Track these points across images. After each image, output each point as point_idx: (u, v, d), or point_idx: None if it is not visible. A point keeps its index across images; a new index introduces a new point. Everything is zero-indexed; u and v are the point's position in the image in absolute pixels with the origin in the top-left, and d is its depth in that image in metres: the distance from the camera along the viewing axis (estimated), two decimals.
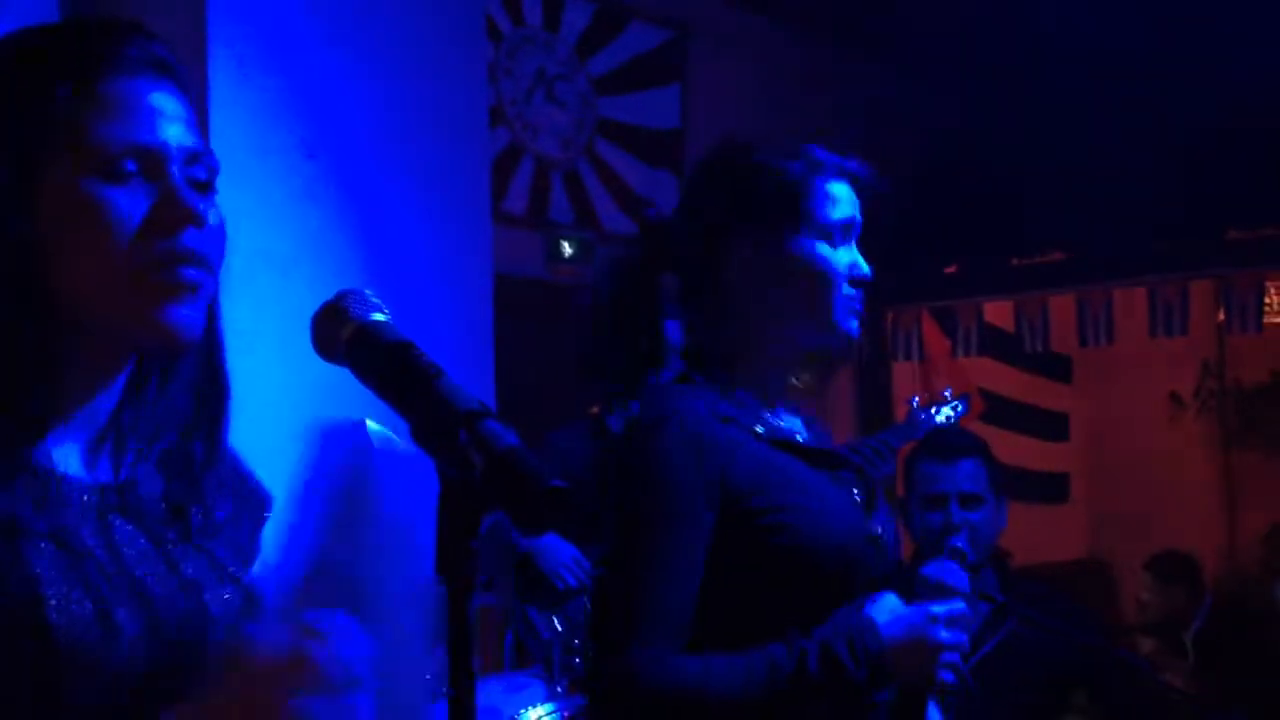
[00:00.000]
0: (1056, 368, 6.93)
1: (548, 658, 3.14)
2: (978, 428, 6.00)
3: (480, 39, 4.03)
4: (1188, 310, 5.43)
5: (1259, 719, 3.62)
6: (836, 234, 1.65)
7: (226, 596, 1.02)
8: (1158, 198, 5.33)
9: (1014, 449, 6.50)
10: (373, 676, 0.86)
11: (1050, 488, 7.09)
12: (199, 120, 1.03)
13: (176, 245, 0.96)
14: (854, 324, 1.67)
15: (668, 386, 1.65)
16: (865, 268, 1.67)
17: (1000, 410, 6.50)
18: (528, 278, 4.55)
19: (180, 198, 0.96)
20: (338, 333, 0.89)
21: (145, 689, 0.92)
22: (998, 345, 6.22)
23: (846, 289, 1.65)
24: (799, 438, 1.68)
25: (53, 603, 0.89)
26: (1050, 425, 7.10)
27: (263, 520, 1.12)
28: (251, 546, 1.12)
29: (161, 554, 1.00)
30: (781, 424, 1.68)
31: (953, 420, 3.53)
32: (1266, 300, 5.50)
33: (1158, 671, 4.30)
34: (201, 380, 1.05)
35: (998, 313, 6.11)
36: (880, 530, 1.67)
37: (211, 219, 0.99)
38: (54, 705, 0.89)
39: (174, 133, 0.98)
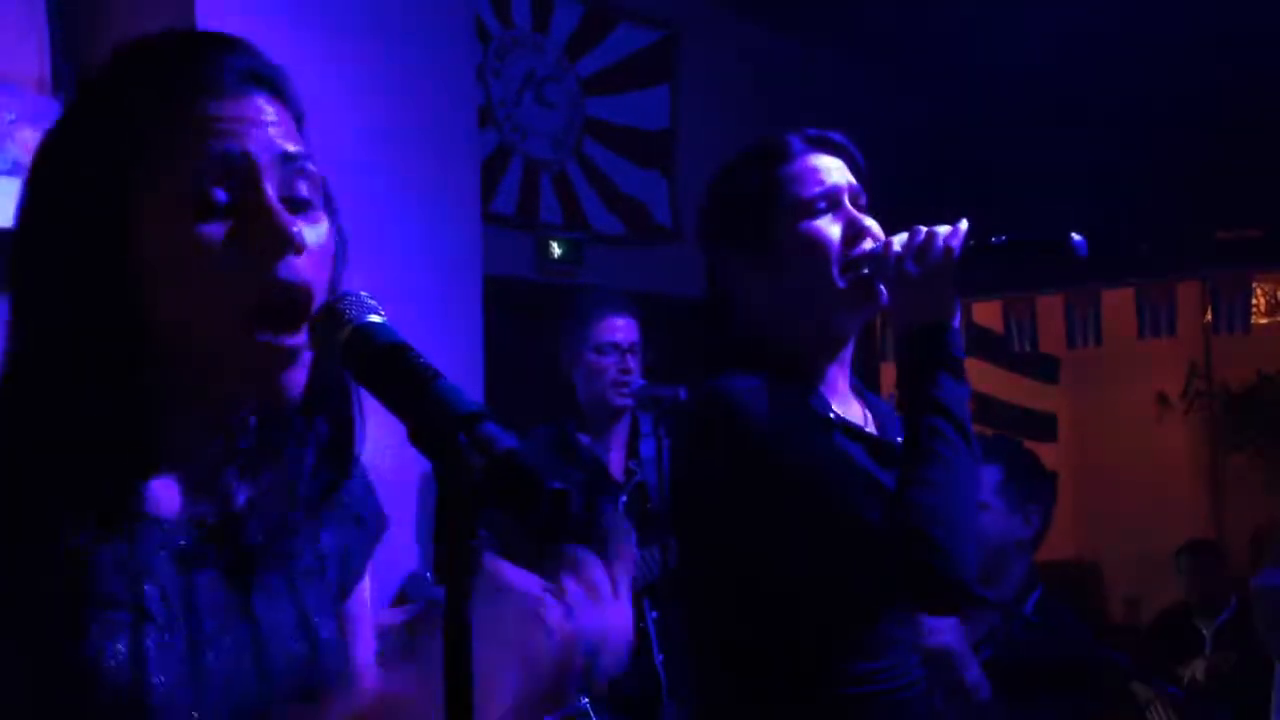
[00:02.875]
0: (1045, 368, 6.96)
1: None
2: None
3: (469, 40, 4.03)
4: (1175, 311, 5.46)
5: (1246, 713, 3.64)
6: (818, 205, 1.65)
7: (293, 648, 0.99)
8: (1145, 199, 5.35)
9: None
10: None
11: None
12: (300, 127, 0.98)
13: (273, 276, 0.91)
14: (871, 284, 1.64)
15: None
16: (863, 222, 1.65)
17: (989, 411, 6.52)
18: (517, 278, 4.54)
19: (274, 222, 0.91)
20: (335, 334, 0.88)
21: None
22: (986, 346, 6.24)
23: (847, 251, 1.64)
24: (870, 430, 1.69)
25: (92, 654, 0.87)
26: (1039, 426, 7.12)
27: (376, 543, 1.10)
28: (361, 571, 1.10)
29: (240, 606, 0.96)
30: (841, 412, 1.67)
31: None
32: (1254, 301, 5.52)
33: (1173, 662, 4.35)
34: (326, 406, 0.99)
35: (986, 313, 6.12)
36: None
37: (310, 238, 0.93)
38: None
39: (265, 138, 0.93)
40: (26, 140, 2.79)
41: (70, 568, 0.88)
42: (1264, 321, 5.77)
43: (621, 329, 3.25)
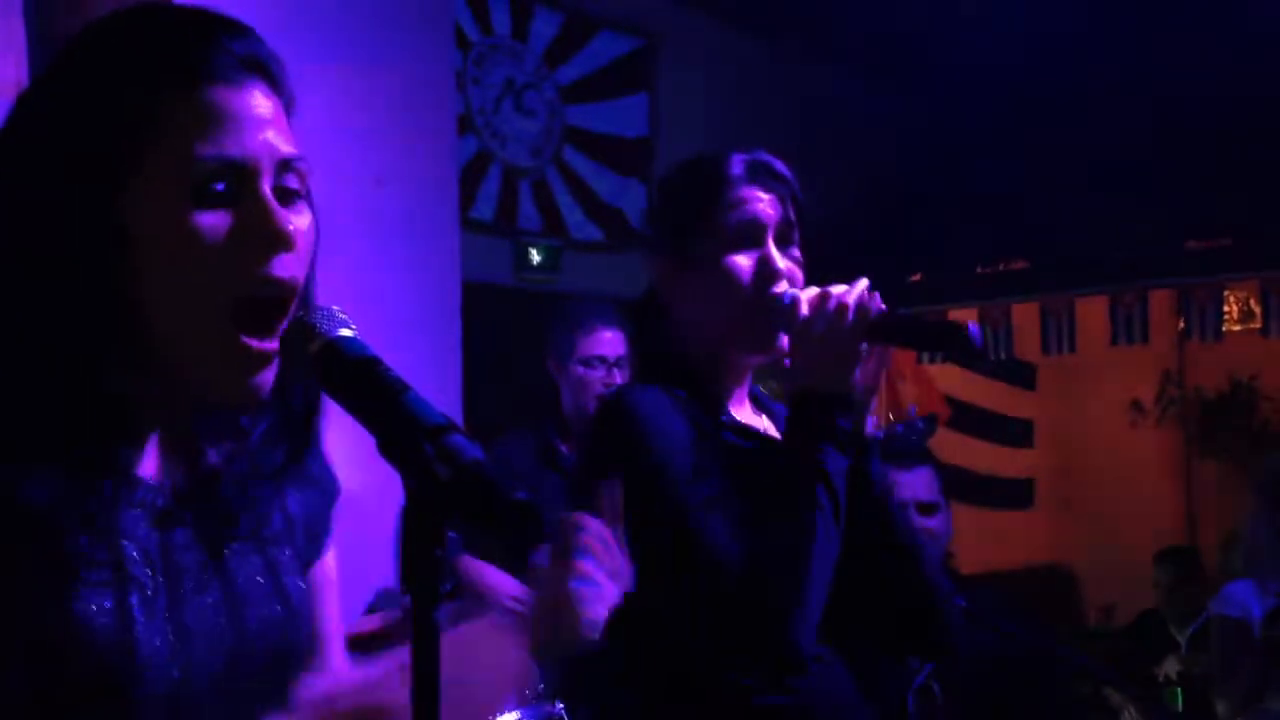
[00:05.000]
0: (1021, 375, 7.00)
1: None
2: (945, 434, 6.06)
3: (449, 48, 4.04)
4: (1148, 319, 5.50)
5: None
6: (741, 237, 1.63)
7: (268, 609, 1.00)
8: (1118, 207, 5.39)
9: (980, 455, 6.56)
10: None
11: (1015, 494, 7.16)
12: (289, 116, 0.99)
13: (263, 271, 0.92)
14: (774, 331, 1.63)
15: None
16: (777, 262, 1.63)
17: (966, 417, 6.56)
18: (496, 285, 4.56)
19: (271, 219, 0.93)
20: (306, 348, 0.90)
21: (166, 704, 0.92)
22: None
23: (759, 291, 1.62)
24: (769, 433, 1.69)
25: (79, 612, 0.88)
26: (1015, 432, 7.16)
27: (333, 507, 1.12)
28: (324, 535, 1.11)
29: (215, 565, 0.98)
30: (746, 420, 1.68)
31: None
32: (1225, 309, 5.56)
33: (1148, 663, 4.39)
34: (292, 378, 0.99)
35: (961, 320, 6.16)
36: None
37: (300, 224, 0.96)
38: (70, 712, 0.89)
39: (265, 141, 0.94)
40: None
41: (50, 526, 0.89)
42: (1236, 329, 5.81)
43: (609, 342, 3.25)
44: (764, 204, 1.65)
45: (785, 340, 1.63)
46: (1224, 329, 5.50)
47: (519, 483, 0.80)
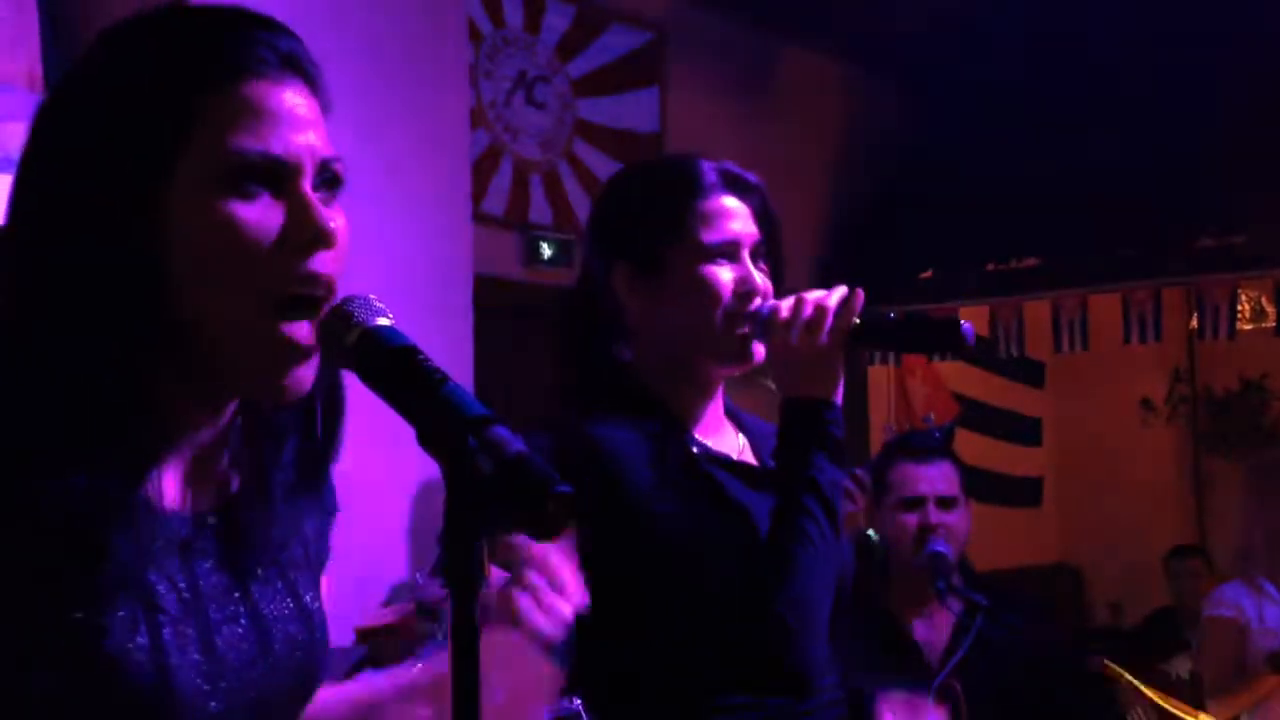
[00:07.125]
0: (1031, 373, 6.98)
1: None
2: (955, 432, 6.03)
3: (461, 40, 4.03)
4: (1160, 317, 5.47)
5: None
6: (718, 252, 1.61)
7: (292, 631, 1.00)
8: (1131, 205, 5.37)
9: (989, 453, 6.55)
10: None
11: (1024, 492, 7.15)
12: (325, 116, 0.98)
13: (306, 268, 0.92)
14: (749, 343, 1.61)
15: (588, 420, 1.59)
16: (755, 281, 1.61)
17: (975, 415, 6.54)
18: (507, 279, 4.54)
19: (314, 217, 0.92)
20: (343, 338, 0.89)
21: None
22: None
23: (734, 305, 1.60)
24: (734, 457, 1.65)
25: (115, 648, 0.87)
26: (1025, 430, 7.15)
27: (332, 526, 1.11)
28: (327, 556, 1.10)
29: (240, 591, 0.97)
30: (712, 445, 1.64)
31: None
32: (1239, 307, 5.54)
33: (1157, 661, 4.39)
34: (318, 398, 0.99)
35: (974, 318, 6.14)
36: None
37: (339, 223, 0.95)
38: None
39: (307, 141, 0.94)
40: (16, 136, 2.78)
41: (78, 563, 0.88)
42: (1248, 328, 5.79)
43: None
44: (741, 218, 1.63)
45: (761, 352, 1.61)
46: (1237, 327, 5.47)
47: (561, 477, 0.79)
